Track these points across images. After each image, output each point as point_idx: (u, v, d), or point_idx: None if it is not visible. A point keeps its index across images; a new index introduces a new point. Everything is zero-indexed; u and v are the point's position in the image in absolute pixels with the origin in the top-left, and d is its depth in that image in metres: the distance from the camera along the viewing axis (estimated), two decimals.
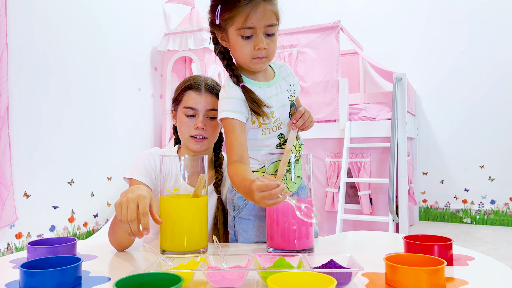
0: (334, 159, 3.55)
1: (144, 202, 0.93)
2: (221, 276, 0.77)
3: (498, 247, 3.23)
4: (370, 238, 1.22)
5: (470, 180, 4.23)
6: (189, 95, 1.26)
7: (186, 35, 3.78)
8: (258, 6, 1.00)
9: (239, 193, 1.14)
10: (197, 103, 1.25)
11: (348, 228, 3.45)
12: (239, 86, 1.07)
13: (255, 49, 1.03)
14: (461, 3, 4.29)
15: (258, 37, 1.02)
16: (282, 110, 1.11)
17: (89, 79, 3.17)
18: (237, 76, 1.09)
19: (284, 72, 1.18)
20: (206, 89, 1.26)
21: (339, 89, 3.49)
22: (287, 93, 1.14)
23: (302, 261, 0.83)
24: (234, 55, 1.10)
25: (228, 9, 1.02)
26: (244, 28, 1.00)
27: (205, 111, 1.25)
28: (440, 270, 0.72)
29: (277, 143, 1.11)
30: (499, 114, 4.11)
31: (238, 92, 1.07)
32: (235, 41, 1.04)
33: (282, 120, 1.11)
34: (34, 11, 2.75)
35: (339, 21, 3.51)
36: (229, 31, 1.05)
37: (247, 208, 1.13)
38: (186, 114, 1.25)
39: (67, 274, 0.73)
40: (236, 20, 1.01)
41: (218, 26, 1.07)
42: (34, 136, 2.73)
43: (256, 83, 1.10)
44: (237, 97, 1.06)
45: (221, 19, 1.04)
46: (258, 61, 1.06)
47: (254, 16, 1.00)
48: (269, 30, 1.03)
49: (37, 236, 2.75)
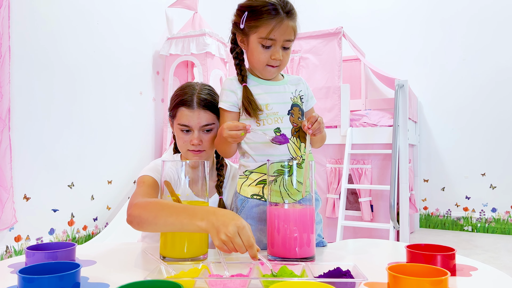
0: (335, 165, 3.55)
1: (246, 234, 0.89)
2: (223, 284, 0.76)
3: (499, 256, 3.21)
4: (371, 246, 1.21)
5: (471, 187, 4.21)
6: (182, 112, 1.23)
7: (189, 40, 3.78)
8: (282, 22, 1.10)
9: (240, 196, 1.17)
10: (190, 120, 1.22)
11: (349, 234, 3.43)
12: (242, 85, 1.17)
13: (271, 58, 1.13)
14: (462, 10, 4.29)
15: (276, 49, 1.13)
16: (282, 106, 1.17)
17: (91, 83, 3.17)
18: (243, 76, 1.18)
19: (294, 80, 1.25)
20: (199, 105, 1.22)
21: (340, 95, 3.49)
22: (291, 94, 1.21)
23: (305, 270, 0.82)
24: (249, 58, 1.19)
25: (254, 18, 1.11)
26: (266, 38, 1.11)
27: (199, 127, 1.23)
28: (444, 281, 0.71)
29: (273, 136, 1.13)
30: (500, 122, 4.11)
31: (234, 84, 1.18)
32: (255, 47, 1.14)
33: (280, 115, 1.16)
34: (37, 14, 2.75)
35: (341, 27, 3.51)
36: (250, 37, 1.14)
37: (245, 210, 1.15)
38: (181, 130, 1.24)
39: (65, 280, 0.72)
40: (260, 30, 1.11)
41: (241, 30, 1.15)
42: (35, 139, 2.73)
43: (258, 80, 1.20)
44: (231, 90, 1.17)
45: (246, 25, 1.13)
46: (271, 69, 1.16)
47: (277, 31, 1.10)
48: (287, 44, 1.14)
49: (36, 239, 2.74)
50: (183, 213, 0.96)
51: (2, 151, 2.43)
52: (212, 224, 0.90)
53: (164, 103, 3.98)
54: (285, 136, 1.12)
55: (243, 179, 1.18)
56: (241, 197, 1.16)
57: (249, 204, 1.14)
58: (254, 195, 1.14)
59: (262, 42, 1.11)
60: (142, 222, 1.02)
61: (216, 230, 0.89)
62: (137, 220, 1.03)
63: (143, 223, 1.01)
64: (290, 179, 1.03)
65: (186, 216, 0.95)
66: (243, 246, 0.87)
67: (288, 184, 1.03)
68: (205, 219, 0.92)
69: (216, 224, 0.90)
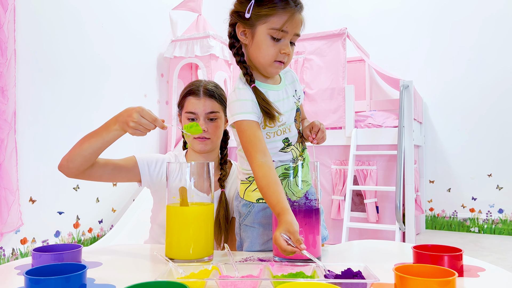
0: (340, 167, 3.53)
1: (146, 112, 1.10)
2: (234, 285, 0.76)
3: (507, 257, 3.19)
4: (377, 247, 1.21)
5: (478, 188, 4.18)
6: (189, 101, 1.34)
7: (193, 42, 3.79)
8: (295, 13, 1.01)
9: (244, 201, 1.14)
10: (197, 107, 1.32)
11: (354, 236, 3.42)
12: (251, 87, 1.05)
13: (281, 53, 1.03)
14: (468, 11, 4.27)
15: (286, 42, 1.03)
16: (289, 114, 1.11)
17: (96, 85, 3.19)
18: (250, 75, 1.07)
19: (289, 78, 1.18)
20: (205, 94, 1.33)
21: (345, 96, 3.48)
22: (293, 98, 1.15)
23: (316, 271, 0.82)
24: (254, 53, 1.06)
25: (266, 6, 1.00)
26: (279, 30, 1.00)
27: (204, 114, 1.32)
28: (451, 281, 0.70)
29: (281, 147, 1.11)
30: (506, 122, 4.08)
31: (249, 93, 1.05)
32: (263, 39, 1.03)
33: (287, 125, 1.10)
34: (42, 18, 2.77)
35: (345, 28, 3.51)
36: (258, 28, 1.03)
37: (251, 216, 1.14)
38: (188, 118, 1.33)
39: (72, 281, 0.72)
40: (272, 19, 1.00)
41: (245, 20, 1.03)
42: (40, 142, 2.74)
43: (266, 85, 1.10)
44: (248, 99, 1.04)
45: (254, 14, 1.01)
46: (278, 65, 1.05)
47: (291, 22, 1.01)
48: (295, 39, 1.05)
49: (42, 241, 2.75)
50: (100, 130, 1.16)
51: (8, 154, 2.44)
52: (121, 122, 1.11)
53: (168, 105, 3.99)
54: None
55: (246, 185, 1.15)
56: (245, 202, 1.14)
57: (255, 208, 1.13)
58: (259, 200, 1.13)
59: (273, 33, 1.01)
60: (70, 156, 1.15)
61: (125, 124, 1.10)
62: (65, 158, 1.16)
63: (71, 156, 1.15)
64: (295, 180, 1.03)
65: (103, 130, 1.15)
66: (149, 123, 1.09)
67: (293, 185, 1.03)
68: (116, 122, 1.13)
69: (123, 119, 1.11)
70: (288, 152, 1.13)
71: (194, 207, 1.03)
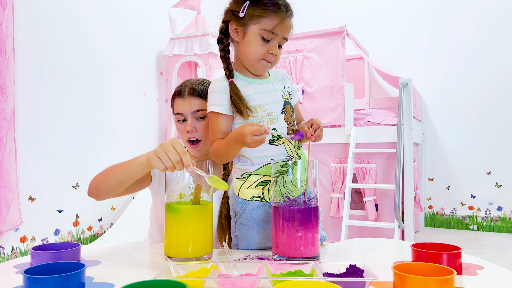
0: (339, 165, 3.54)
1: (179, 142, 1.01)
2: (233, 284, 0.76)
3: (506, 255, 3.20)
4: (376, 245, 1.21)
5: (477, 186, 4.19)
6: (176, 102, 1.33)
7: (192, 40, 3.79)
8: (285, 18, 1.10)
9: (238, 199, 1.14)
10: (182, 108, 1.31)
11: (353, 234, 3.42)
12: (228, 81, 1.13)
13: (269, 53, 1.11)
14: (467, 8, 4.27)
15: (275, 43, 1.12)
16: (275, 105, 1.15)
17: (94, 83, 3.18)
18: (230, 71, 1.15)
19: (280, 76, 1.24)
20: (190, 93, 1.31)
21: (344, 94, 3.48)
22: (281, 91, 1.19)
23: (315, 269, 0.82)
24: (243, 50, 1.14)
25: (259, 8, 1.09)
26: (269, 31, 1.09)
27: (191, 114, 1.30)
28: (450, 279, 0.70)
29: (270, 138, 1.12)
30: (506, 120, 4.08)
31: (222, 86, 1.13)
32: (253, 38, 1.11)
33: (274, 116, 1.14)
34: (41, 16, 2.76)
35: (344, 26, 3.50)
36: (250, 27, 1.11)
37: (245, 213, 1.13)
38: (178, 120, 1.33)
39: (70, 280, 0.72)
40: (264, 21, 1.09)
41: (239, 19, 1.11)
42: (39, 140, 2.74)
43: (247, 79, 1.16)
44: (220, 91, 1.13)
45: (248, 14, 1.10)
46: (265, 63, 1.13)
47: (281, 26, 1.10)
48: (283, 42, 1.14)
49: (41, 239, 2.75)
50: (129, 161, 1.10)
51: (7, 152, 2.44)
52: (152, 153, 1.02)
53: (167, 103, 3.98)
54: (300, 131, 1.12)
55: (241, 182, 1.15)
56: (240, 200, 1.14)
57: (250, 206, 1.13)
58: (254, 197, 1.13)
59: (264, 34, 1.09)
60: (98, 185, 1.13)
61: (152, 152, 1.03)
62: (93, 185, 1.14)
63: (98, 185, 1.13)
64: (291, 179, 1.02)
65: (131, 162, 1.09)
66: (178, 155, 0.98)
67: (288, 183, 1.02)
68: (146, 155, 1.05)
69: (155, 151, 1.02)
70: (279, 145, 1.13)
71: (193, 205, 1.03)
